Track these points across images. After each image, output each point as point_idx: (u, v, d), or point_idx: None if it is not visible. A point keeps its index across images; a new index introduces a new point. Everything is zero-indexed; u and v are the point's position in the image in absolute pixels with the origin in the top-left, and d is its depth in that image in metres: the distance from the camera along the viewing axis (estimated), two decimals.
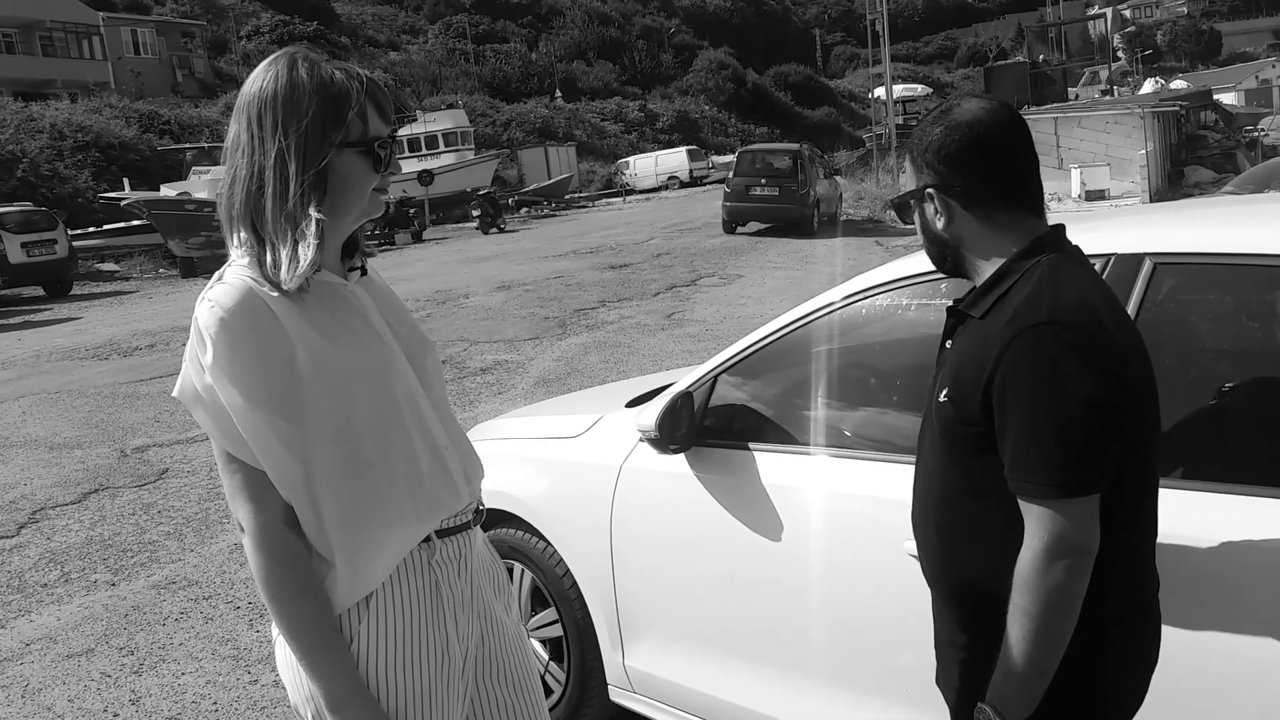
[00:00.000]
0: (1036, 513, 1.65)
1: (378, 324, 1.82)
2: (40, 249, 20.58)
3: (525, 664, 2.01)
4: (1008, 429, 1.67)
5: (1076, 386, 1.62)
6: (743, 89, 70.49)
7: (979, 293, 1.82)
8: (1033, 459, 1.64)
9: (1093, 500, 1.64)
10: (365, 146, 1.75)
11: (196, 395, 1.69)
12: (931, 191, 1.84)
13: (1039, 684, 1.66)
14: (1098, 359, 1.64)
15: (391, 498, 1.75)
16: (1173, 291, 2.38)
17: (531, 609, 3.62)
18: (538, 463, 3.66)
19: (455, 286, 16.55)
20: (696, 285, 15.67)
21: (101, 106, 37.70)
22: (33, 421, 9.27)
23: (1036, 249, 1.78)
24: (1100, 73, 66.86)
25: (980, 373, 1.70)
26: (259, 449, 1.66)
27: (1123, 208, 14.63)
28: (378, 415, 1.75)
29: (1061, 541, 1.62)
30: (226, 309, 1.66)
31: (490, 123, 50.60)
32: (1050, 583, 1.62)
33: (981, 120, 1.80)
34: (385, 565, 1.75)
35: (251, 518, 1.68)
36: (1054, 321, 1.65)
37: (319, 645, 1.69)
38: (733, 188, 23.65)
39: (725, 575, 3.02)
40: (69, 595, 5.32)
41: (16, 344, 14.27)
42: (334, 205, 1.74)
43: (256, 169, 1.70)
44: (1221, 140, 32.31)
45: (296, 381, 1.67)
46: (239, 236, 1.74)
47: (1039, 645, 1.64)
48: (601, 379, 9.24)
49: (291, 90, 1.70)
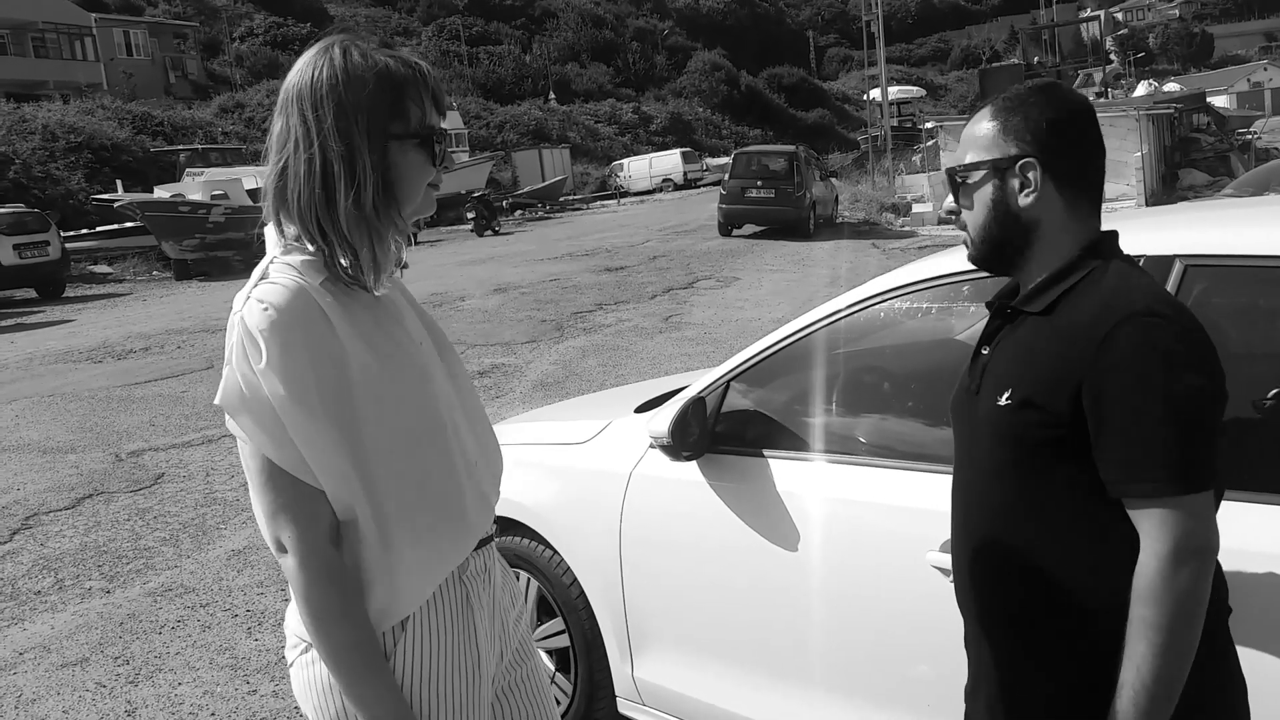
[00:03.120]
0: (1157, 516, 1.52)
1: (414, 329, 1.75)
2: (32, 251, 20.46)
3: (539, 675, 1.97)
4: (1111, 427, 1.55)
5: (1189, 376, 1.52)
6: (736, 91, 70.56)
7: (1038, 288, 1.70)
8: (1147, 455, 1.52)
9: (1209, 495, 1.54)
10: (423, 139, 1.67)
11: (244, 401, 1.56)
12: (1032, 160, 1.69)
13: (1170, 703, 1.53)
14: (1202, 349, 1.56)
15: (438, 514, 1.68)
16: (1204, 294, 2.32)
17: (537, 619, 3.55)
18: (544, 469, 3.59)
19: (451, 289, 16.47)
20: (693, 288, 15.61)
21: (94, 108, 37.53)
22: (26, 425, 9.17)
23: (1103, 247, 1.70)
24: (1094, 75, 66.97)
25: (1066, 371, 1.58)
26: (314, 459, 1.56)
27: (1147, 208, 14.60)
28: (423, 429, 1.67)
29: (1188, 542, 1.51)
30: (279, 309, 1.55)
31: (484, 125, 50.56)
32: (1179, 589, 1.50)
33: (1085, 106, 1.73)
34: (427, 585, 1.68)
35: (298, 536, 1.57)
36: (1158, 313, 1.55)
37: (364, 670, 1.60)
38: (729, 190, 23.61)
39: (739, 585, 2.95)
40: (63, 603, 5.23)
41: (9, 347, 14.16)
42: (395, 201, 1.67)
43: (319, 164, 1.60)
44: (1215, 143, 32.36)
45: (349, 390, 1.59)
46: (290, 231, 1.64)
47: (1171, 660, 1.51)
48: (600, 382, 9.18)
49: (348, 78, 1.61)
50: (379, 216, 1.63)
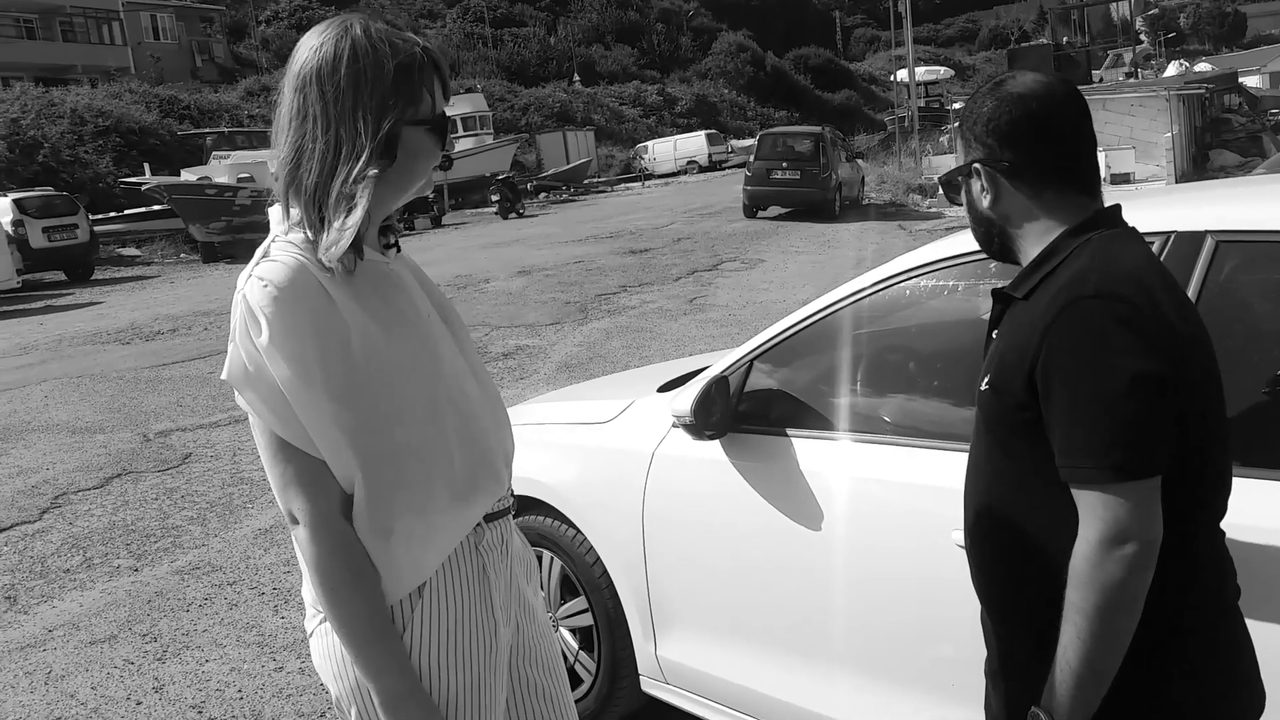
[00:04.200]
0: (1090, 500, 1.52)
1: (421, 304, 1.75)
2: (61, 234, 20.64)
3: (554, 648, 1.98)
4: (1054, 411, 1.55)
5: (1127, 360, 1.50)
6: (762, 72, 70.12)
7: (1025, 272, 1.72)
8: (1080, 440, 1.52)
9: (1152, 484, 1.50)
10: (434, 124, 1.67)
11: (247, 376, 1.59)
12: (978, 166, 1.74)
13: (1096, 689, 1.53)
14: (1149, 333, 1.52)
15: (443, 486, 1.68)
16: (1235, 271, 2.28)
17: (561, 598, 3.56)
18: (567, 449, 3.58)
19: (475, 271, 16.49)
20: (718, 270, 15.56)
21: (121, 91, 37.70)
22: (55, 406, 9.26)
23: (1088, 226, 1.68)
24: (1124, 55, 66.24)
25: (1024, 354, 1.59)
26: (316, 432, 1.58)
27: (1179, 185, 14.42)
28: (429, 401, 1.68)
29: (1118, 530, 1.49)
30: (280, 286, 1.57)
31: (508, 107, 50.46)
32: (1107, 576, 1.49)
33: (1036, 94, 1.70)
34: (439, 554, 1.69)
35: (309, 508, 1.59)
36: (1102, 295, 1.54)
37: (375, 640, 1.61)
38: (754, 171, 23.49)
39: (762, 564, 2.94)
40: (91, 581, 5.28)
41: (39, 329, 14.30)
42: (397, 182, 1.67)
43: (333, 143, 1.59)
44: (1246, 124, 31.97)
45: (352, 364, 1.60)
46: (295, 213, 1.64)
47: (1096, 646, 1.51)
48: (624, 364, 9.17)
49: (366, 61, 1.60)
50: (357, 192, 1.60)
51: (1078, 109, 1.72)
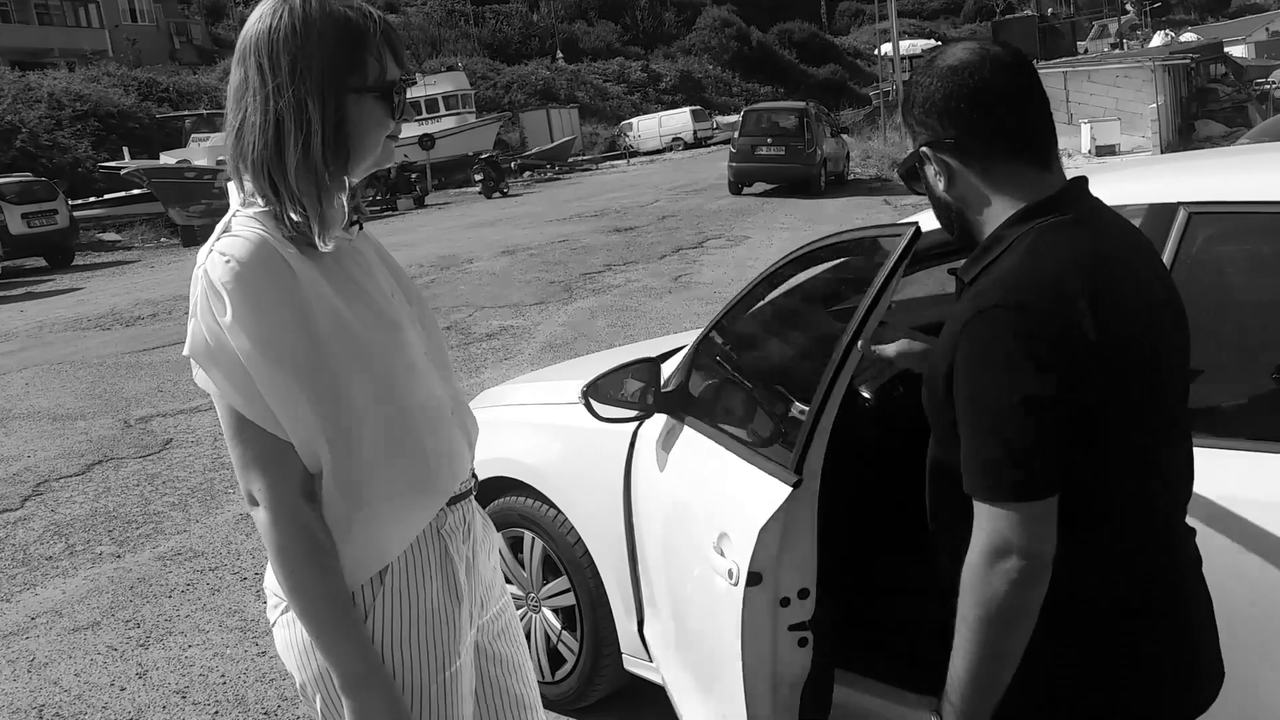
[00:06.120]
0: (980, 512, 1.48)
1: (385, 282, 1.74)
2: (41, 219, 20.48)
3: (515, 621, 1.99)
4: (959, 419, 1.52)
5: (1021, 380, 1.44)
6: (747, 47, 69.81)
7: (972, 258, 1.65)
8: (973, 455, 1.49)
9: (1046, 504, 1.45)
10: (382, 91, 1.64)
11: (210, 353, 1.56)
12: (927, 151, 1.65)
13: (984, 701, 1.50)
14: (1047, 350, 1.45)
15: (408, 467, 1.68)
16: (1209, 241, 2.28)
17: (543, 578, 3.55)
18: (548, 429, 3.57)
19: (459, 252, 16.43)
20: (703, 247, 15.53)
21: (99, 75, 37.34)
22: (36, 393, 9.21)
23: (1034, 212, 1.58)
24: (1109, 26, 66.13)
25: (946, 353, 1.55)
26: (282, 411, 1.56)
27: (1153, 156, 14.42)
28: (392, 381, 1.67)
29: (1002, 543, 1.45)
30: (242, 261, 1.55)
31: (491, 85, 50.11)
32: (989, 591, 1.45)
33: (969, 63, 1.60)
34: (404, 536, 1.68)
35: (269, 489, 1.58)
36: (1010, 305, 1.47)
37: (336, 622, 1.60)
38: (738, 148, 23.39)
39: None
40: (74, 568, 5.26)
41: (19, 315, 14.21)
42: (350, 154, 1.65)
43: (273, 115, 1.58)
44: (1232, 94, 31.99)
45: (316, 340, 1.58)
46: (248, 185, 1.63)
47: (980, 660, 1.48)
48: (609, 343, 9.15)
49: (307, 29, 1.58)
50: (328, 170, 1.61)
51: (1017, 75, 1.61)
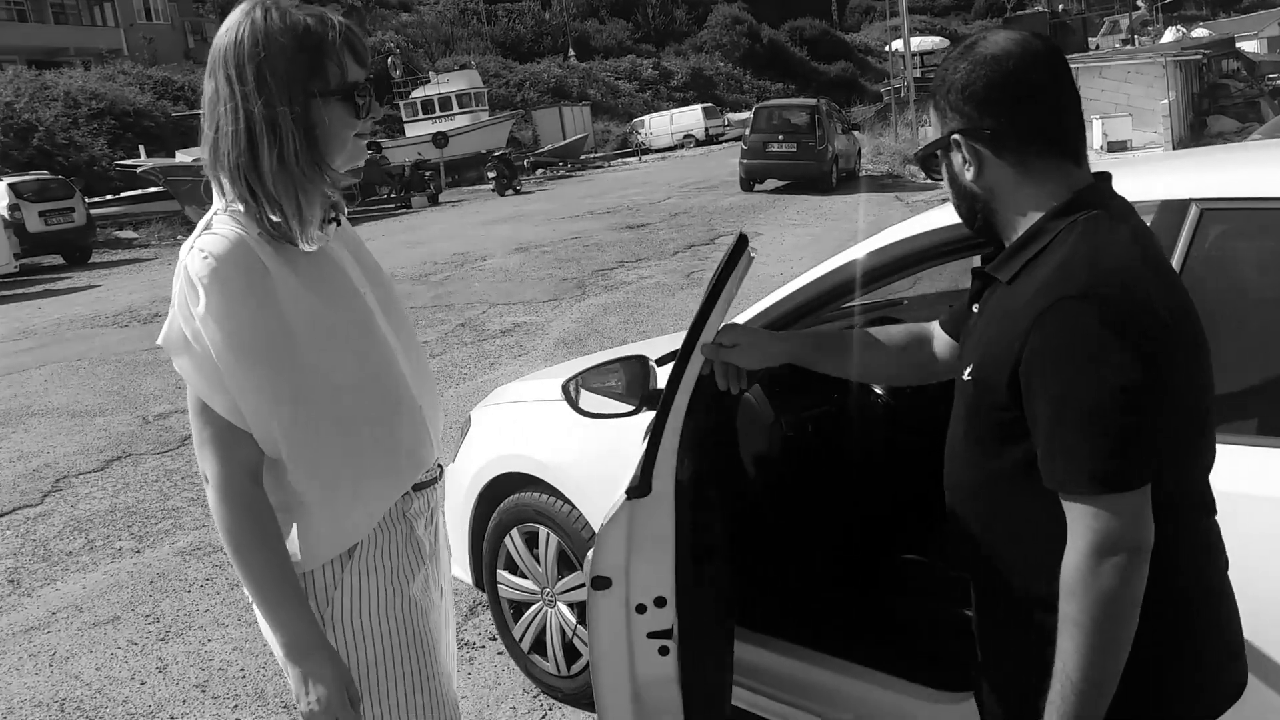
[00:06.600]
0: (1078, 510, 1.46)
1: (356, 280, 1.85)
2: (58, 218, 20.61)
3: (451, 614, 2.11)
4: (1038, 416, 1.49)
5: (1115, 371, 1.43)
6: (758, 44, 69.66)
7: (1008, 253, 1.62)
8: (1068, 451, 1.46)
9: (1143, 493, 1.45)
10: (344, 94, 1.73)
11: (184, 342, 1.69)
12: (958, 138, 1.62)
13: (1100, 701, 1.47)
14: (1138, 338, 1.44)
15: (374, 453, 1.80)
16: (1220, 239, 2.29)
17: (559, 572, 3.58)
18: (561, 424, 3.57)
19: (473, 249, 16.48)
20: (715, 244, 15.52)
21: (115, 73, 37.50)
22: (54, 390, 9.28)
23: (1075, 205, 1.57)
24: (1120, 22, 65.78)
25: (1008, 350, 1.51)
26: (244, 401, 1.68)
27: (1165, 152, 14.36)
28: (361, 373, 1.79)
29: (1108, 540, 1.43)
30: (218, 258, 1.66)
31: (504, 83, 50.15)
32: (1101, 587, 1.44)
33: (1011, 53, 1.57)
34: (368, 519, 1.81)
35: (217, 469, 1.70)
36: (1089, 294, 1.45)
37: (280, 595, 1.72)
38: (750, 145, 23.41)
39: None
40: (94, 563, 5.32)
41: (37, 313, 14.30)
42: (323, 155, 1.74)
43: (244, 124, 1.68)
44: (1244, 89, 31.78)
45: (286, 335, 1.69)
46: (227, 189, 1.73)
47: (1095, 658, 1.45)
48: (622, 340, 9.18)
49: (269, 40, 1.68)
50: (304, 172, 1.70)
51: (1057, 67, 1.60)
